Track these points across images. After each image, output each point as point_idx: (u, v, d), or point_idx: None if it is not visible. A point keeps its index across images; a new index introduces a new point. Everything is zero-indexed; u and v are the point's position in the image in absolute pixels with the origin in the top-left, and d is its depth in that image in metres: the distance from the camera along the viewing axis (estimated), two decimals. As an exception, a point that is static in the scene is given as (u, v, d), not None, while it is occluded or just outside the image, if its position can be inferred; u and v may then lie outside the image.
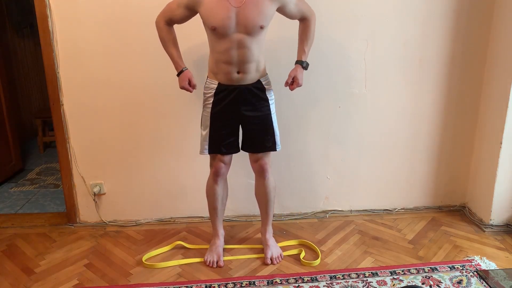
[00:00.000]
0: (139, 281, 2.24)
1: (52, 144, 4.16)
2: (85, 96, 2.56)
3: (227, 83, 2.13)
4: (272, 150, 2.28)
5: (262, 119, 2.21)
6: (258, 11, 1.98)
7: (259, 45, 2.07)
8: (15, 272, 2.33)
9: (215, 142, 2.22)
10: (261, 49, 2.10)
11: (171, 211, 2.80)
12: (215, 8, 1.97)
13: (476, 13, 2.57)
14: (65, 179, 2.71)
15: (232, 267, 2.35)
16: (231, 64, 2.07)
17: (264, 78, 2.18)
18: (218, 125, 2.19)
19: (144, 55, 2.51)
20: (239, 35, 2.00)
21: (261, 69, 2.15)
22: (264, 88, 2.18)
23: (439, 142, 2.80)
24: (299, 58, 2.22)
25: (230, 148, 2.25)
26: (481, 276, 2.21)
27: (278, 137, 2.27)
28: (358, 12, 2.52)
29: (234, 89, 2.13)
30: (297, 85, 2.20)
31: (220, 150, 2.23)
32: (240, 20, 1.97)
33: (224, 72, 2.10)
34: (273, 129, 2.24)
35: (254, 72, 2.12)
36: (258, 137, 2.24)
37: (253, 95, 2.15)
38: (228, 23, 1.97)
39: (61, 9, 2.42)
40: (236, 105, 2.15)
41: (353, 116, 2.71)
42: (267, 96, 2.20)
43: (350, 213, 2.89)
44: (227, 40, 2.01)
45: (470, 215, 2.82)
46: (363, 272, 2.28)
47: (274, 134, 2.25)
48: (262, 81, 2.17)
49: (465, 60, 2.65)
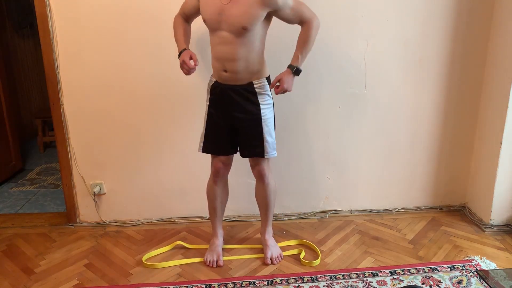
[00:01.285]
0: (139, 281, 2.24)
1: (52, 144, 4.16)
2: (85, 96, 2.56)
3: (220, 81, 2.12)
4: (260, 156, 2.19)
5: (250, 124, 2.13)
6: (243, 11, 1.91)
7: (247, 46, 1.99)
8: (15, 272, 2.33)
9: (209, 142, 2.22)
10: (250, 50, 2.01)
11: (171, 211, 2.80)
12: (208, 1, 1.99)
13: (476, 13, 2.57)
14: (65, 179, 2.71)
15: (232, 267, 2.35)
16: (219, 61, 2.06)
17: (258, 81, 2.10)
18: (212, 124, 2.19)
19: (144, 55, 2.51)
20: (225, 32, 1.98)
21: (254, 71, 2.08)
22: (255, 92, 2.10)
23: (439, 142, 2.80)
24: (291, 63, 2.09)
25: (223, 149, 2.23)
26: (481, 276, 2.21)
27: (270, 144, 2.18)
28: (358, 12, 2.52)
29: (225, 89, 2.11)
30: (281, 89, 2.06)
31: (213, 150, 2.24)
32: (225, 18, 1.95)
33: (215, 68, 2.11)
34: (262, 135, 2.14)
35: (244, 73, 2.05)
36: (246, 141, 2.19)
37: (243, 98, 2.10)
38: (214, 18, 1.97)
39: (61, 9, 2.42)
40: (226, 105, 2.13)
41: (353, 116, 2.71)
42: (258, 100, 2.11)
43: (350, 213, 2.89)
44: (216, 35, 2.02)
45: (470, 215, 2.82)
46: (363, 272, 2.28)
47: (263, 140, 2.15)
48: (254, 84, 2.10)
49: (465, 60, 2.65)
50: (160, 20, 2.43)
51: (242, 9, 1.92)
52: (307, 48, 2.07)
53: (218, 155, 2.25)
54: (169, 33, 2.43)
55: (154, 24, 2.45)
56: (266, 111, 2.15)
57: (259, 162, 2.24)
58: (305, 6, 2.04)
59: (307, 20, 2.04)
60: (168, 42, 2.45)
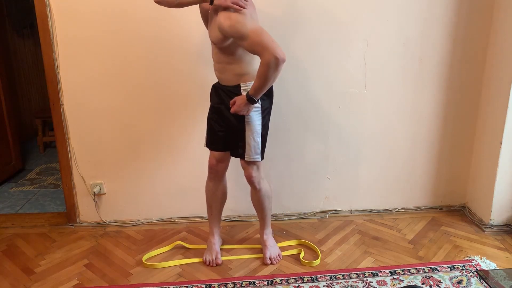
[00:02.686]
0: (139, 281, 2.24)
1: (52, 144, 4.16)
2: (85, 96, 2.56)
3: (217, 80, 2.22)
4: (241, 158, 2.20)
5: (234, 124, 2.15)
6: (212, 27, 2.04)
7: (226, 54, 2.05)
8: (15, 272, 2.33)
9: (208, 136, 2.29)
10: (230, 58, 2.06)
11: (171, 211, 2.80)
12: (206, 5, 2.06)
13: (476, 13, 2.57)
14: (65, 179, 2.71)
15: (232, 267, 2.35)
16: (212, 59, 2.17)
17: (244, 84, 2.10)
18: (210, 120, 2.26)
19: (144, 55, 2.51)
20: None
21: (240, 74, 2.10)
22: (240, 94, 2.09)
23: (439, 142, 2.80)
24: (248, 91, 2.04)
25: (215, 145, 2.27)
26: (481, 276, 2.21)
27: (251, 146, 2.16)
28: (358, 12, 2.52)
29: (218, 88, 2.21)
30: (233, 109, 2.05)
31: (209, 145, 2.30)
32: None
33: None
34: (244, 137, 2.15)
35: (231, 75, 2.11)
36: (232, 140, 2.22)
37: (230, 98, 2.13)
38: (204, 21, 2.18)
39: (61, 9, 2.42)
40: (218, 103, 2.20)
41: (353, 116, 2.71)
42: None
43: (350, 213, 2.89)
44: None
45: (470, 215, 2.82)
46: (363, 272, 2.28)
47: (245, 142, 2.16)
48: (241, 86, 2.11)
49: (465, 60, 2.65)
50: (160, 20, 2.43)
51: (213, 25, 2.03)
52: (259, 84, 1.96)
53: (212, 150, 2.29)
54: (169, 33, 2.44)
55: (154, 24, 2.45)
56: (252, 114, 2.13)
57: (247, 167, 2.23)
58: (265, 40, 1.89)
59: (261, 57, 1.91)
60: (168, 42, 2.46)
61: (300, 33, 2.51)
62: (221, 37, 1.98)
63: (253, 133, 2.15)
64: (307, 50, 2.55)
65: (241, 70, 2.09)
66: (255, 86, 1.99)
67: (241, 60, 2.07)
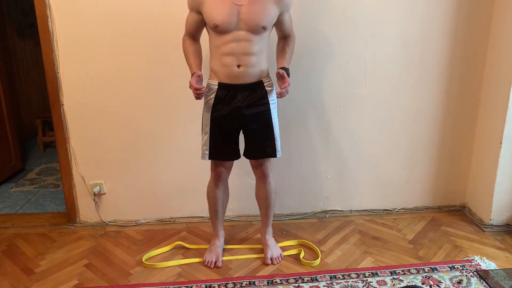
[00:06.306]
0: (139, 281, 2.24)
1: (52, 144, 4.16)
2: (85, 96, 2.56)
3: (228, 81, 2.08)
4: (272, 156, 2.21)
5: (263, 121, 2.15)
6: (261, 11, 1.98)
7: (261, 44, 2.04)
8: (15, 272, 2.33)
9: (216, 148, 2.18)
10: (263, 48, 2.07)
11: (171, 211, 2.80)
12: (217, 5, 1.98)
13: (476, 13, 2.57)
14: (65, 179, 2.71)
15: (232, 267, 2.35)
16: (232, 55, 2.03)
17: (266, 79, 2.14)
18: (219, 129, 2.15)
19: (144, 55, 2.51)
20: (241, 31, 2.00)
21: (263, 69, 2.11)
22: (265, 90, 2.13)
23: (439, 142, 2.80)
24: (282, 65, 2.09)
25: (231, 155, 2.23)
26: (481, 276, 2.21)
27: (279, 143, 2.21)
28: (358, 13, 2.52)
29: (235, 88, 2.09)
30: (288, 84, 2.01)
31: (220, 156, 2.21)
32: (243, 18, 1.97)
33: (225, 65, 2.05)
34: (273, 133, 2.18)
35: (256, 69, 2.07)
36: (258, 140, 2.19)
37: (255, 95, 2.11)
38: (229, 20, 1.96)
39: (61, 9, 2.42)
40: (237, 105, 2.10)
41: (353, 116, 2.71)
42: (268, 98, 2.14)
43: (350, 213, 2.89)
44: (229, 35, 2.01)
45: (470, 215, 2.82)
46: (363, 272, 2.28)
47: (274, 139, 2.19)
48: (264, 82, 2.13)
49: (465, 60, 2.65)
50: (160, 20, 2.43)
51: (261, 9, 1.98)
52: (290, 57, 2.16)
53: (224, 160, 2.24)
54: (169, 33, 2.44)
55: (154, 24, 2.45)
56: (274, 110, 2.19)
57: (264, 162, 2.24)
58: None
59: (291, 34, 2.19)
60: (168, 42, 2.46)
61: (300, 33, 2.51)
62: (274, 14, 2.02)
63: (277, 128, 2.22)
64: (307, 50, 2.55)
65: (264, 65, 2.13)
66: (289, 60, 2.14)
67: (266, 53, 2.11)
